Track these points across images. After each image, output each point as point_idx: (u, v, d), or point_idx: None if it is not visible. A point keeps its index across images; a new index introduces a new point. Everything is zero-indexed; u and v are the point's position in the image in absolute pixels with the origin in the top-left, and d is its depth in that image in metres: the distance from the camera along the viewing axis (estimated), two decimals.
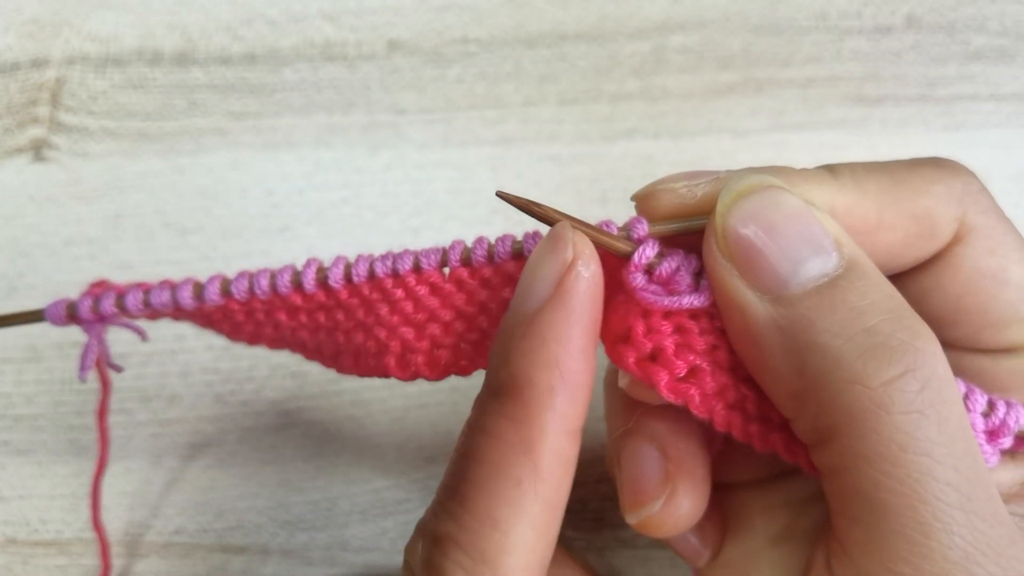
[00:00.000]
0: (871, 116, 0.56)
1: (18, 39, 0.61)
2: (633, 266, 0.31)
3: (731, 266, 0.29)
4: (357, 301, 0.34)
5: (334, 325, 0.34)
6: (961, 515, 0.26)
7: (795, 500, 0.36)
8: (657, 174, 0.56)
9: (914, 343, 0.27)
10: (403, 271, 0.33)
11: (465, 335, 0.34)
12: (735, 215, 0.29)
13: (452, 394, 0.52)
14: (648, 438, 0.35)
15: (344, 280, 0.33)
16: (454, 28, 0.59)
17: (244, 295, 0.34)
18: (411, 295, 0.33)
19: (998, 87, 0.56)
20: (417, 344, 0.34)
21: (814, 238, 0.29)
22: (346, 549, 0.50)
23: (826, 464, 0.28)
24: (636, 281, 0.31)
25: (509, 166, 0.56)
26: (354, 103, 0.58)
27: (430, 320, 0.34)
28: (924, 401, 0.26)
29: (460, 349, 0.34)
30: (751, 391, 0.31)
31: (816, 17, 0.58)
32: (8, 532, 0.51)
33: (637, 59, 0.58)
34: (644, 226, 0.31)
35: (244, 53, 0.60)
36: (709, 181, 0.31)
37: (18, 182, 0.58)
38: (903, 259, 0.32)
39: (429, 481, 0.51)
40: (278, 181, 0.57)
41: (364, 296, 0.34)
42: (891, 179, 0.31)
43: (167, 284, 0.35)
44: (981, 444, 0.31)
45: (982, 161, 0.54)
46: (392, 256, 0.33)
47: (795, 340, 0.28)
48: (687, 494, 0.34)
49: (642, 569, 0.49)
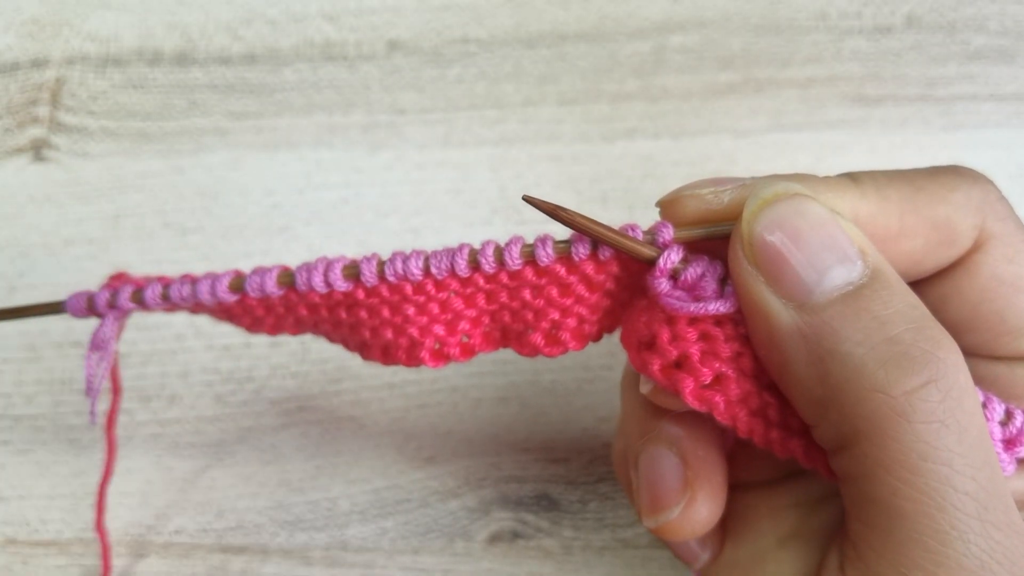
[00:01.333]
0: (871, 116, 0.56)
1: (18, 39, 0.61)
2: (658, 271, 0.31)
3: (757, 273, 0.29)
4: (379, 301, 0.34)
5: (358, 322, 0.34)
6: (978, 524, 0.26)
7: (804, 502, 0.36)
8: (657, 174, 0.56)
9: (936, 353, 0.27)
10: (440, 276, 0.33)
11: (491, 323, 0.34)
12: (761, 222, 0.30)
13: (452, 394, 0.52)
14: (668, 443, 0.35)
15: (378, 280, 0.33)
16: (454, 28, 0.59)
17: (267, 293, 0.34)
18: (439, 299, 0.34)
19: (998, 87, 0.56)
20: (450, 338, 0.34)
21: (839, 247, 0.29)
22: (346, 549, 0.50)
23: (845, 470, 0.29)
24: (661, 287, 0.31)
25: (509, 166, 0.56)
26: (354, 103, 0.58)
27: (458, 317, 0.34)
28: (945, 411, 0.27)
29: (488, 334, 0.35)
30: (773, 398, 0.31)
31: (816, 17, 0.58)
32: (8, 532, 0.51)
33: (637, 59, 0.58)
34: (670, 231, 0.31)
35: (244, 53, 0.60)
36: (735, 188, 0.31)
37: (18, 182, 0.58)
38: (923, 266, 0.33)
39: (429, 481, 0.51)
40: (278, 181, 0.57)
41: (391, 298, 0.34)
42: (912, 187, 0.31)
43: (188, 278, 0.35)
44: (999, 453, 0.31)
45: (982, 161, 0.54)
46: (421, 257, 0.33)
47: (818, 347, 0.28)
48: (706, 500, 0.34)
49: (642, 569, 0.49)
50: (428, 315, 0.34)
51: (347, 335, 0.36)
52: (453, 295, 0.34)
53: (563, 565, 0.49)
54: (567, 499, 0.50)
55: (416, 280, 0.33)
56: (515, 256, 0.32)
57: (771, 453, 0.32)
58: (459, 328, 0.34)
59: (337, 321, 0.35)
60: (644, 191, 0.55)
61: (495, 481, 0.51)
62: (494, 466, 0.51)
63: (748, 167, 0.55)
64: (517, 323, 0.34)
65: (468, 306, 0.34)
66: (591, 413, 0.52)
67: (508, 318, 0.34)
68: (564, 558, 0.49)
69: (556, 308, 0.33)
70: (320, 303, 0.35)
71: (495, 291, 0.33)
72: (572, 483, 0.51)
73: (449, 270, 0.33)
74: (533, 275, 0.32)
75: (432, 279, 0.33)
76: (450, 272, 0.33)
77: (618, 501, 0.50)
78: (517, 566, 0.49)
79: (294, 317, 0.36)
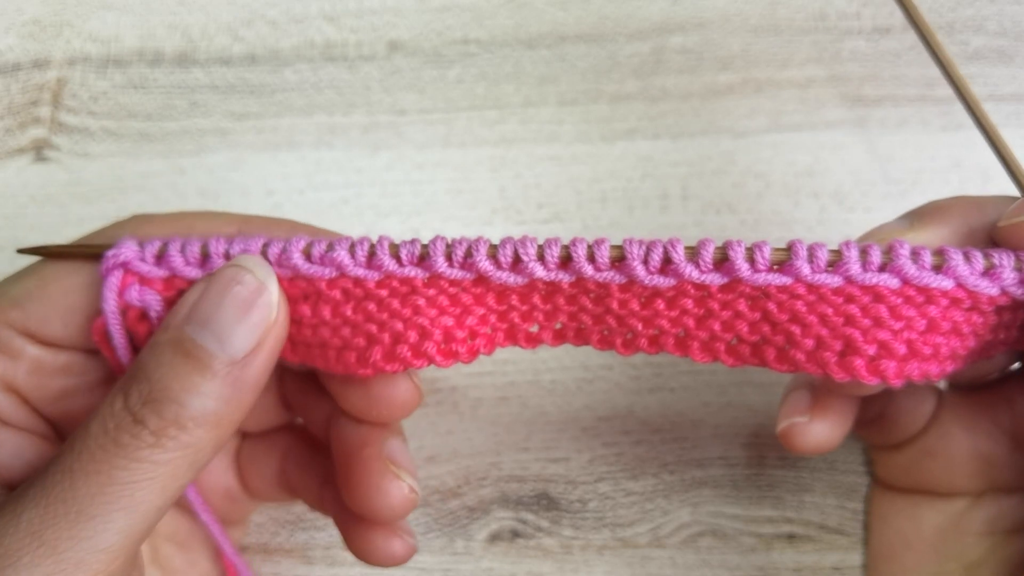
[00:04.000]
0: (870, 116, 0.56)
1: (19, 40, 0.61)
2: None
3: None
4: (391, 291, 0.35)
5: (367, 317, 0.35)
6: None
7: (997, 530, 0.37)
8: (656, 174, 0.56)
9: None
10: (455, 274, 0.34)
11: (496, 323, 0.36)
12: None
13: (452, 394, 0.52)
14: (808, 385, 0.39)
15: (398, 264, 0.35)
16: (454, 29, 0.60)
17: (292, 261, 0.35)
18: (450, 293, 0.35)
19: (997, 87, 0.56)
20: (458, 333, 0.35)
21: None
22: (346, 549, 0.50)
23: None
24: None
25: (509, 166, 0.57)
26: (354, 104, 0.58)
27: (465, 313, 0.35)
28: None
29: (491, 336, 0.36)
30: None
31: (815, 18, 0.58)
32: None
33: (637, 60, 0.58)
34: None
35: (245, 54, 0.60)
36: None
37: (19, 182, 0.58)
38: None
39: (429, 481, 0.51)
40: (279, 181, 0.57)
41: (405, 290, 0.35)
42: None
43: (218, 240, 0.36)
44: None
45: (981, 161, 0.54)
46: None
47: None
48: (822, 424, 0.37)
49: (642, 569, 0.49)
50: (438, 307, 0.35)
51: (348, 337, 0.36)
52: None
53: (563, 564, 0.49)
54: (567, 499, 0.50)
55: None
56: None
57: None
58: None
59: (342, 320, 0.35)
60: (644, 191, 0.55)
61: (495, 481, 0.51)
62: (494, 466, 0.51)
63: (747, 167, 0.55)
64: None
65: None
66: (591, 413, 0.52)
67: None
68: (564, 557, 0.49)
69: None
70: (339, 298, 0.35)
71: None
72: (572, 483, 0.51)
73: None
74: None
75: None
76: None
77: (618, 501, 0.50)
78: (517, 565, 0.49)
79: (294, 320, 0.36)
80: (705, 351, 0.35)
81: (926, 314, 0.32)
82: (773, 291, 0.33)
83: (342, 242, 0.35)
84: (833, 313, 0.32)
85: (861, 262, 0.32)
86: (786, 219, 0.54)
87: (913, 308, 0.32)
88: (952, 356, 0.33)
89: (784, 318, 0.33)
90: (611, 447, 0.51)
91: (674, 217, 0.55)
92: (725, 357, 0.35)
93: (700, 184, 0.55)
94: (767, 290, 0.33)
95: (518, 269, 0.34)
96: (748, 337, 0.34)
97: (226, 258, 0.35)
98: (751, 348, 0.34)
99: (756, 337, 0.34)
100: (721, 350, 0.35)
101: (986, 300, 0.32)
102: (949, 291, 0.32)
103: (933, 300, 0.32)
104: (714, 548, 0.50)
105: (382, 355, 0.35)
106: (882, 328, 0.32)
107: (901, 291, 0.32)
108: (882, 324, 0.32)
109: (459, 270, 0.34)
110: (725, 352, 0.35)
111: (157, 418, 0.30)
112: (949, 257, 0.32)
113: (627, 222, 0.54)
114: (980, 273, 0.32)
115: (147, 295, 0.36)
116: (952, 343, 0.33)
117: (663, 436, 0.51)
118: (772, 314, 0.33)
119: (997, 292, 0.32)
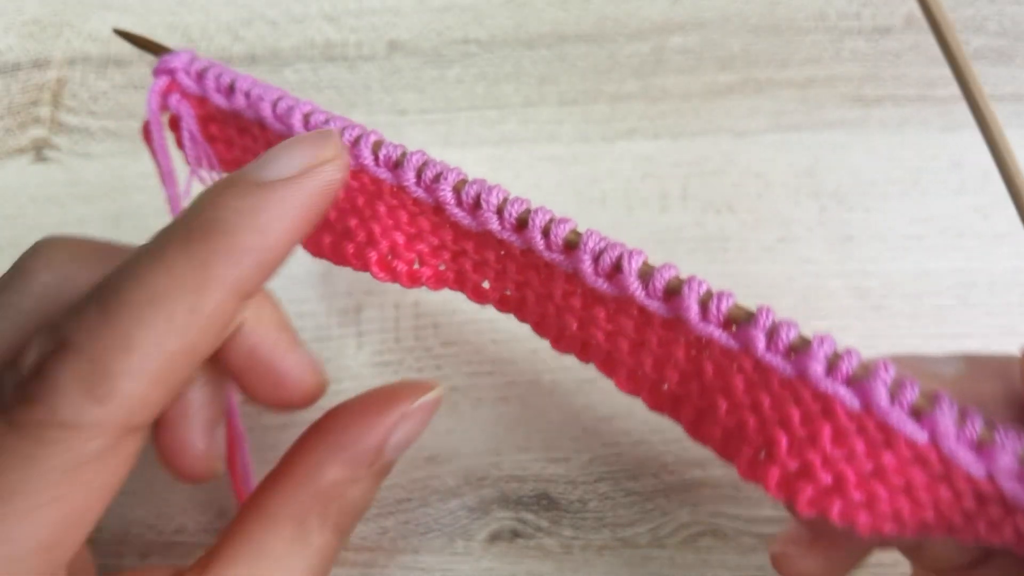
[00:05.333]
0: (870, 116, 0.56)
1: (19, 40, 0.61)
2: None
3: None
4: (360, 186, 0.34)
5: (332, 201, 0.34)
6: None
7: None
8: (657, 174, 0.56)
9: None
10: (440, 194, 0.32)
11: (450, 262, 0.34)
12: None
13: (452, 394, 0.52)
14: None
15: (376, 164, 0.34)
16: (454, 29, 0.60)
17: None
18: (411, 211, 0.33)
19: (996, 87, 0.56)
20: (405, 252, 0.34)
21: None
22: (346, 548, 0.50)
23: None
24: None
25: (509, 166, 0.57)
26: (355, 103, 0.58)
27: (418, 237, 0.34)
28: None
29: (441, 272, 0.34)
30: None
31: (815, 18, 0.58)
32: None
33: (637, 60, 0.58)
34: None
35: (245, 54, 0.60)
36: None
37: (19, 182, 0.58)
38: None
39: (429, 481, 0.51)
40: None
41: (373, 189, 0.34)
42: None
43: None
44: None
45: (981, 161, 0.54)
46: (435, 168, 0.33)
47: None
48: (816, 560, 0.34)
49: (642, 569, 0.49)
50: (395, 219, 0.33)
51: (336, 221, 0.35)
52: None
53: (563, 564, 0.49)
54: (567, 499, 0.50)
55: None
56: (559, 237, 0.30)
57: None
58: (416, 248, 0.34)
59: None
60: (644, 191, 0.55)
61: (495, 481, 0.51)
62: (494, 466, 0.51)
63: (747, 167, 0.55)
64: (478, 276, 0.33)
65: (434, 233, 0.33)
66: (591, 413, 0.52)
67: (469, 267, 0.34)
68: (564, 557, 0.49)
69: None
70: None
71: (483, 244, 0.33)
72: (572, 483, 0.51)
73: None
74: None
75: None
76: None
77: (618, 501, 0.50)
78: (517, 565, 0.49)
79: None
80: (630, 381, 0.31)
81: (877, 457, 0.25)
82: (716, 351, 0.28)
83: (337, 120, 0.35)
84: (770, 406, 0.27)
85: (827, 364, 0.25)
86: (786, 219, 0.54)
87: (864, 443, 0.25)
88: (894, 517, 0.26)
89: (716, 384, 0.28)
90: (611, 447, 0.51)
91: (674, 217, 0.55)
92: (647, 396, 0.31)
93: (700, 184, 0.55)
94: (710, 345, 0.28)
95: (476, 214, 0.32)
96: (674, 387, 0.30)
97: (247, 96, 0.36)
98: (672, 400, 0.30)
99: (681, 391, 0.30)
100: (645, 388, 0.31)
101: (962, 477, 0.25)
102: (919, 445, 0.25)
103: (894, 446, 0.25)
104: (714, 548, 0.50)
105: (330, 242, 0.35)
106: (815, 448, 0.26)
107: (858, 418, 0.25)
108: (817, 444, 0.26)
109: (423, 191, 0.33)
110: (648, 391, 0.31)
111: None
112: (938, 405, 0.24)
113: (627, 222, 0.54)
114: (968, 442, 0.24)
115: (182, 106, 0.39)
116: (898, 503, 0.26)
117: (663, 436, 0.51)
118: (705, 375, 0.28)
119: (983, 475, 0.24)
